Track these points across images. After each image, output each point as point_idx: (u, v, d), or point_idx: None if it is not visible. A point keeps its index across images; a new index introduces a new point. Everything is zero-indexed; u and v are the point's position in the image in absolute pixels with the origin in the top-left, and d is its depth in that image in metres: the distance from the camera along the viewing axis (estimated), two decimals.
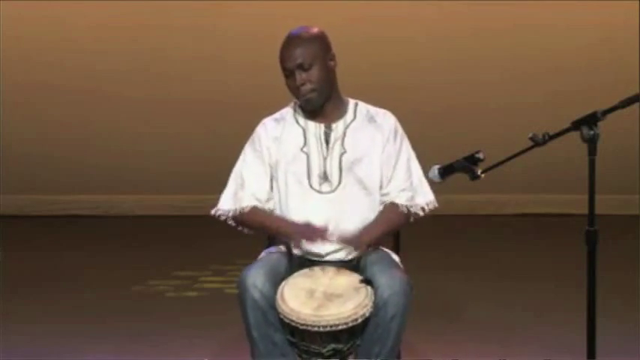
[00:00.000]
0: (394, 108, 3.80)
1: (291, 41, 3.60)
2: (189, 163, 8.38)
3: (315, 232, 3.53)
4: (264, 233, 3.78)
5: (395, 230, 3.73)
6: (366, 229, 3.61)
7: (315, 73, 3.58)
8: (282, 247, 3.70)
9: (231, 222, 3.72)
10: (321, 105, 3.66)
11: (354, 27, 8.01)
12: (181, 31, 8.21)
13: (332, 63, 3.64)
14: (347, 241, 3.56)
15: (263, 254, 3.71)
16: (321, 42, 3.62)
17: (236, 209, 3.68)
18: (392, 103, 3.89)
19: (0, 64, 8.12)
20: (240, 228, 3.74)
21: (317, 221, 3.59)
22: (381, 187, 3.67)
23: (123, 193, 8.53)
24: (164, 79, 8.30)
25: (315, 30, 3.64)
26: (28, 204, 8.46)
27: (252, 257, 3.71)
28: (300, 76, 3.57)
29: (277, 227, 3.63)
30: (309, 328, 3.35)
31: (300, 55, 3.56)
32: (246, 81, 8.19)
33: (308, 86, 3.59)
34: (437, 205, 3.72)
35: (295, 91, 3.62)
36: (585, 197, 3.22)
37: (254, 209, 3.66)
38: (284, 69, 3.61)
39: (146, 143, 8.41)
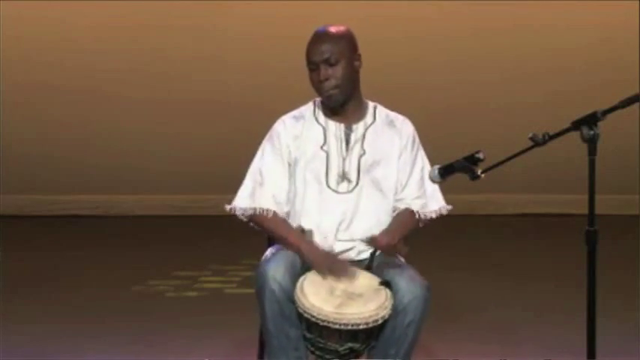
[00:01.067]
0: (394, 108, 3.81)
1: (320, 36, 3.62)
2: (189, 163, 8.38)
3: (337, 264, 3.50)
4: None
5: (408, 235, 3.73)
6: (387, 231, 3.61)
7: (340, 69, 3.59)
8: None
9: (244, 218, 3.70)
10: (342, 103, 3.66)
11: (354, 27, 7.98)
12: (181, 31, 8.21)
13: (357, 63, 3.66)
14: (375, 242, 3.54)
15: (270, 252, 3.68)
16: (350, 40, 3.65)
17: (255, 209, 3.65)
18: (392, 103, 3.89)
19: (0, 64, 8.12)
20: (251, 224, 3.73)
21: (331, 220, 3.60)
22: (395, 192, 3.68)
23: (123, 193, 8.53)
24: (164, 80, 8.30)
25: (344, 28, 3.68)
26: (28, 204, 8.46)
27: (252, 257, 3.71)
28: (326, 71, 3.58)
29: (298, 247, 3.56)
30: (330, 325, 3.35)
31: (327, 50, 3.58)
32: (247, 81, 8.19)
33: (332, 82, 3.60)
34: (450, 208, 3.76)
35: (318, 85, 3.62)
36: (585, 197, 3.22)
37: (274, 217, 3.64)
38: (310, 62, 3.61)
39: (146, 143, 8.41)
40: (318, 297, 3.39)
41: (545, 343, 4.95)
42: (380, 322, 3.38)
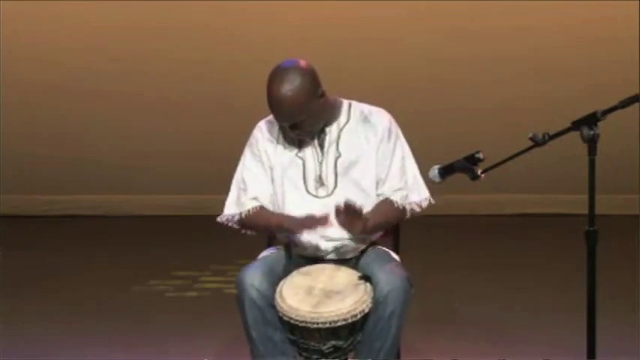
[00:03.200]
0: (394, 108, 3.80)
1: (279, 98, 3.50)
2: (189, 164, 8.37)
3: (316, 221, 3.50)
4: (267, 234, 3.78)
5: (390, 224, 3.71)
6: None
7: (307, 124, 3.57)
8: (282, 247, 3.70)
9: (235, 226, 3.72)
10: None
11: (354, 27, 8.00)
12: (182, 32, 8.20)
13: (321, 99, 3.58)
14: (343, 221, 3.49)
15: (263, 254, 3.72)
16: (308, 90, 3.53)
17: (241, 213, 3.68)
18: (392, 104, 3.89)
19: (0, 63, 8.12)
20: (244, 231, 3.74)
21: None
22: (376, 188, 3.67)
23: (123, 193, 8.52)
24: (165, 80, 8.29)
25: (300, 74, 3.53)
26: (28, 204, 8.45)
27: (252, 257, 3.71)
28: (294, 131, 3.59)
29: (278, 223, 3.60)
30: (308, 325, 3.36)
31: (290, 116, 3.52)
32: (247, 81, 8.13)
33: (302, 135, 3.62)
34: (433, 201, 3.70)
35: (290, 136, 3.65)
36: (585, 197, 3.22)
37: (259, 210, 3.66)
38: (275, 119, 3.60)
39: (146, 143, 8.40)
40: (296, 298, 3.40)
41: (545, 343, 4.94)
42: (359, 316, 3.38)
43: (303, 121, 3.54)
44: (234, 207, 3.70)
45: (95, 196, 8.52)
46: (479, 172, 3.40)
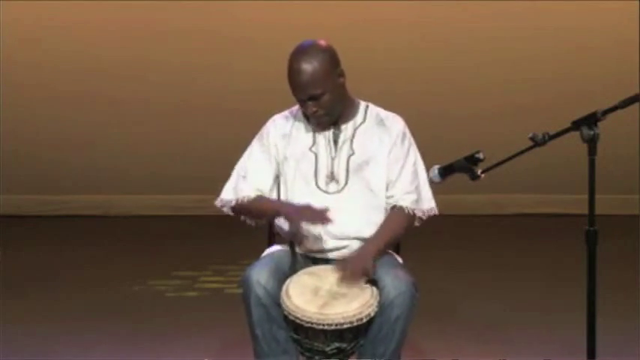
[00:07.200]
0: (395, 109, 3.80)
1: (299, 69, 3.54)
2: (189, 164, 8.38)
3: (315, 214, 3.50)
4: (264, 220, 3.76)
5: (399, 237, 3.72)
6: (368, 245, 3.58)
7: (326, 99, 3.56)
8: (286, 246, 3.70)
9: (229, 211, 3.72)
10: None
11: (357, 31, 8.01)
12: (182, 34, 8.22)
13: (341, 80, 3.61)
14: (349, 266, 3.49)
15: (266, 253, 3.72)
16: (329, 64, 3.57)
17: (237, 199, 3.68)
18: (392, 104, 3.89)
19: (0, 64, 8.13)
20: (242, 218, 3.74)
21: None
22: (386, 190, 3.68)
23: (123, 193, 8.53)
24: (164, 82, 8.30)
25: (320, 50, 3.58)
26: (28, 204, 8.46)
27: (252, 257, 3.71)
28: (312, 106, 3.57)
29: (277, 209, 3.61)
30: (314, 325, 3.35)
31: (310, 86, 3.53)
32: (246, 84, 8.19)
33: (320, 112, 3.59)
34: (437, 212, 3.71)
35: (307, 114, 3.63)
36: (585, 197, 3.22)
37: (254, 199, 3.66)
38: (294, 95, 3.60)
39: (146, 144, 8.41)
40: (303, 298, 3.39)
41: (545, 343, 4.95)
42: (365, 320, 3.38)
43: (322, 95, 3.54)
44: (231, 193, 3.71)
45: (95, 196, 8.53)
46: (479, 172, 3.40)
